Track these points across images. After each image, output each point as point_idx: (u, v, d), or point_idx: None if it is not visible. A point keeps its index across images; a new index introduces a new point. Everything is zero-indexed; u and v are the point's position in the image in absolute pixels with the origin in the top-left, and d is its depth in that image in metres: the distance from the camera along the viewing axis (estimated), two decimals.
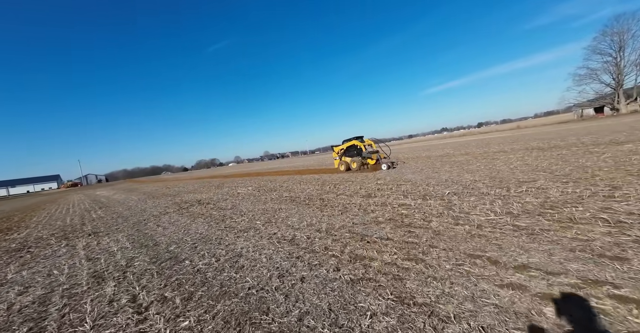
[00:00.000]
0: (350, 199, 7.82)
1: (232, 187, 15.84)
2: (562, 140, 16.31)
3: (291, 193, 10.56)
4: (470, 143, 27.75)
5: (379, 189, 8.73)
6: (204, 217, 8.12)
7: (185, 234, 6.35)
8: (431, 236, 4.03)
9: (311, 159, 55.41)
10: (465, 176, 8.82)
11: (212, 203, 10.60)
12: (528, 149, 14.29)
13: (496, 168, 9.51)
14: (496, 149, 16.54)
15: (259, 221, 6.75)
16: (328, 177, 14.24)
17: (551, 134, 22.88)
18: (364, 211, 6.24)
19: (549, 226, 3.79)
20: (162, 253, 5.05)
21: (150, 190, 23.66)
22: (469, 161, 12.67)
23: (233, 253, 4.63)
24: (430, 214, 5.18)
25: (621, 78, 48.96)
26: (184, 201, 12.16)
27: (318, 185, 11.53)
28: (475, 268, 2.96)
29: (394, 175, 11.40)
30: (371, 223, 5.18)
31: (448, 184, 7.87)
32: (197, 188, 18.43)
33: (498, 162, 11.07)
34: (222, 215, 8.12)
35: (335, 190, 9.67)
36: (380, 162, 13.98)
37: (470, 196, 6.10)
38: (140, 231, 7.29)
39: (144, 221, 8.59)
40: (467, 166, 11.27)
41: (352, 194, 8.53)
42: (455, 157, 15.74)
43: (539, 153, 12.15)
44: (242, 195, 11.72)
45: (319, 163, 31.99)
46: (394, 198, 7.15)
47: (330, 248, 4.22)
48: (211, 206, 9.90)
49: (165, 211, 10.12)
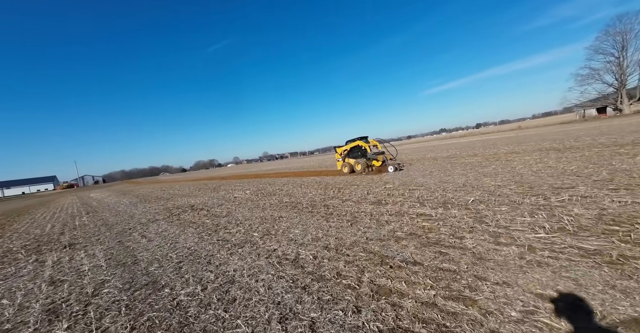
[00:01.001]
0: (358, 206, 7.00)
1: (228, 190, 14.99)
2: (575, 140, 15.56)
3: (292, 198, 9.73)
4: (474, 144, 27.01)
5: (389, 194, 7.91)
6: (196, 226, 7.28)
7: (171, 249, 5.50)
8: (472, 261, 3.21)
9: (311, 160, 54.58)
10: (484, 180, 8.02)
11: (206, 209, 9.76)
12: (542, 150, 13.51)
13: (517, 171, 8.71)
14: (506, 150, 15.77)
15: (257, 232, 5.92)
16: (330, 180, 13.42)
17: (559, 135, 22.15)
18: (377, 222, 5.42)
19: (629, 250, 2.97)
20: (140, 276, 4.20)
21: (144, 193, 22.77)
22: (481, 163, 11.88)
23: (224, 277, 3.80)
24: (459, 228, 4.36)
25: (624, 78, 48.37)
26: (176, 207, 11.30)
27: (320, 189, 10.71)
28: (558, 322, 2.14)
29: (403, 178, 10.59)
30: (389, 239, 4.36)
31: (468, 189, 7.06)
32: (192, 191, 17.57)
33: (515, 164, 10.28)
34: (216, 223, 7.28)
35: (340, 195, 8.85)
36: (387, 164, 13.17)
37: (500, 205, 5.29)
38: (122, 243, 6.44)
39: (128, 231, 7.73)
40: (481, 168, 10.47)
41: (359, 200, 7.71)
42: (463, 158, 14.95)
43: (557, 154, 11.37)
44: (239, 200, 10.88)
45: (319, 164, 31.17)
46: (409, 205, 6.33)
47: (344, 274, 3.39)
48: (204, 213, 9.05)
49: (155, 218, 9.25)
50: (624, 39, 46.93)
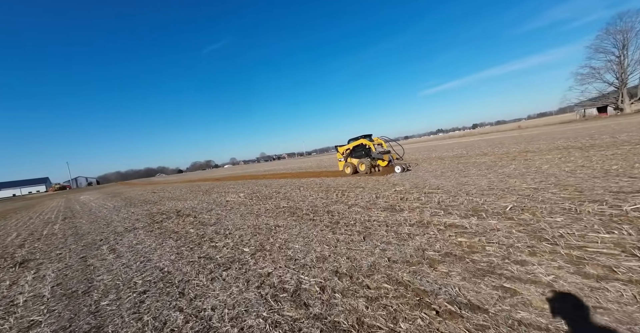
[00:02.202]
0: (368, 213, 5.94)
1: (221, 193, 13.86)
2: (591, 139, 14.64)
3: (290, 201, 8.65)
4: (478, 143, 26.11)
5: (403, 199, 6.86)
6: (177, 238, 6.17)
7: (139, 270, 4.40)
8: (563, 308, 2.15)
9: (309, 160, 53.49)
10: (510, 182, 7.00)
11: (193, 215, 8.64)
12: (559, 148, 12.56)
13: (546, 171, 7.70)
14: (517, 149, 14.81)
15: (248, 247, 4.84)
16: (332, 181, 12.35)
17: (567, 133, 21.28)
18: (397, 235, 4.36)
19: None
20: (83, 317, 3.10)
21: (133, 195, 21.54)
22: (497, 163, 10.89)
23: (197, 322, 2.72)
24: (513, 247, 3.31)
25: (625, 77, 47.89)
26: (161, 212, 10.16)
27: (322, 192, 9.64)
28: None
29: (413, 180, 9.55)
30: (420, 262, 3.30)
31: (497, 193, 6.03)
32: (183, 194, 16.41)
33: (538, 163, 9.28)
34: (201, 234, 6.19)
35: (345, 199, 7.79)
36: (393, 164, 12.13)
37: (551, 214, 4.25)
38: (85, 260, 5.31)
39: (98, 243, 6.59)
40: (500, 168, 9.47)
41: (368, 205, 6.65)
42: (473, 158, 13.96)
43: (581, 152, 10.40)
44: (232, 204, 9.77)
45: (318, 164, 30.11)
46: (431, 213, 5.28)
47: (368, 322, 2.33)
48: (191, 220, 7.94)
49: (133, 226, 8.11)
50: (624, 37, 46.44)
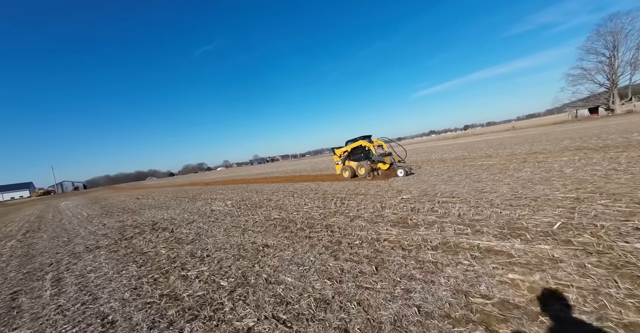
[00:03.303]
0: (375, 229, 4.91)
1: (207, 200, 12.66)
2: (599, 139, 13.97)
3: (282, 212, 7.57)
4: (477, 144, 25.47)
5: (414, 209, 5.85)
6: (143, 261, 5.03)
7: (72, 319, 3.26)
8: None
9: (302, 162, 52.40)
10: (537, 188, 6.07)
11: (169, 229, 7.47)
12: (570, 149, 11.80)
13: (572, 176, 6.80)
14: (523, 151, 14.04)
15: (227, 278, 3.76)
16: (328, 186, 11.31)
17: (569, 134, 20.74)
18: (418, 263, 3.34)
19: None
20: None
21: (115, 202, 20.09)
22: (507, 166, 10.02)
23: None
24: (607, 296, 2.31)
25: (616, 78, 48.40)
26: (135, 224, 8.94)
27: (318, 199, 8.58)
28: None
29: (420, 185, 8.58)
30: (467, 319, 2.27)
31: (529, 203, 5.06)
32: (166, 201, 15.12)
33: (556, 166, 8.42)
34: (173, 257, 5.06)
35: (345, 209, 6.75)
36: (395, 167, 11.16)
37: (622, 236, 3.28)
38: (14, 298, 4.13)
39: (45, 269, 5.38)
40: (515, 172, 8.57)
41: (374, 218, 5.62)
42: (477, 160, 13.11)
43: (599, 154, 9.60)
44: (217, 214, 8.63)
45: (312, 167, 29.05)
46: (455, 230, 4.28)
47: None
48: (166, 235, 6.78)
49: (97, 244, 6.90)
50: (615, 38, 46.93)
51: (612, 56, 47.91)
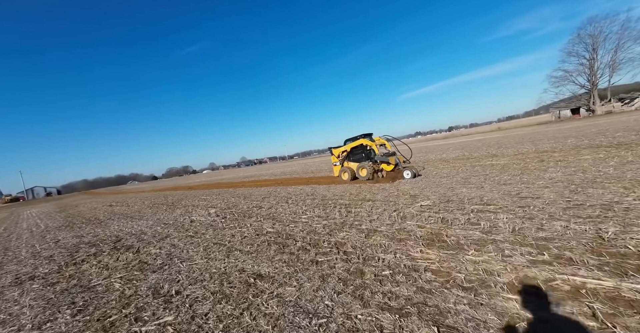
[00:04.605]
0: (405, 249, 3.69)
1: (189, 207, 11.10)
2: (605, 137, 13.43)
3: (277, 223, 6.24)
4: (473, 144, 24.95)
5: (444, 221, 4.67)
6: (83, 304, 3.58)
7: None
8: None
9: (292, 164, 50.90)
10: (592, 192, 5.03)
11: (136, 247, 5.97)
12: (584, 147, 11.08)
13: (628, 177, 5.83)
14: (530, 150, 13.30)
15: None
16: (326, 190, 10.04)
17: (566, 132, 20.42)
18: (497, 316, 2.12)
19: None
20: None
21: (84, 210, 17.99)
22: (525, 166, 9.11)
23: None
24: None
25: (595, 79, 49.89)
26: (94, 241, 7.33)
27: (318, 207, 7.29)
28: None
29: (435, 189, 7.45)
30: None
31: (605, 213, 3.98)
32: (142, 208, 13.37)
33: (586, 165, 7.53)
34: (128, 295, 3.64)
35: (354, 220, 5.49)
36: (401, 168, 10.03)
37: None
38: None
39: None
40: (541, 172, 7.62)
41: (395, 233, 4.39)
42: (483, 160, 12.23)
43: (629, 152, 8.83)
44: (196, 228, 7.17)
45: (303, 169, 27.71)
46: (528, 258, 3.11)
47: None
48: (128, 258, 5.30)
49: (33, 272, 5.30)
50: (594, 41, 48.39)
51: (592, 58, 49.39)
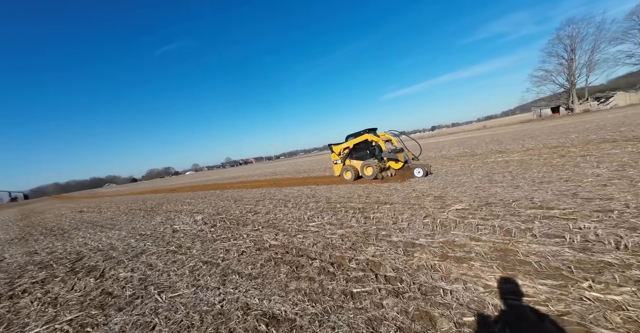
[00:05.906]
0: (478, 276, 2.66)
1: (171, 213, 9.66)
2: (606, 130, 13.16)
3: (280, 233, 5.06)
4: (469, 141, 24.68)
5: (508, 232, 3.69)
6: None
7: None
8: None
9: (280, 164, 49.38)
10: None
11: (100, 269, 4.63)
12: (596, 142, 10.61)
13: None
14: (534, 145, 12.80)
15: None
16: (328, 191, 8.93)
17: (561, 129, 20.37)
18: None
19: None
20: None
21: (49, 217, 15.94)
22: (548, 162, 8.41)
23: None
24: None
25: (574, 79, 51.72)
26: (46, 261, 5.86)
27: (326, 212, 6.16)
28: None
29: (461, 189, 6.53)
30: None
31: None
32: (115, 215, 11.72)
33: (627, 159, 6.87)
34: None
35: (378, 228, 4.43)
36: (410, 165, 9.08)
37: None
38: None
39: None
40: (577, 169, 6.89)
41: (445, 248, 3.37)
42: (491, 156, 11.55)
43: None
44: (180, 238, 5.86)
45: (294, 169, 26.47)
46: None
47: None
48: (87, 286, 3.96)
49: None
50: (572, 42, 50.11)
51: (571, 58, 51.14)
